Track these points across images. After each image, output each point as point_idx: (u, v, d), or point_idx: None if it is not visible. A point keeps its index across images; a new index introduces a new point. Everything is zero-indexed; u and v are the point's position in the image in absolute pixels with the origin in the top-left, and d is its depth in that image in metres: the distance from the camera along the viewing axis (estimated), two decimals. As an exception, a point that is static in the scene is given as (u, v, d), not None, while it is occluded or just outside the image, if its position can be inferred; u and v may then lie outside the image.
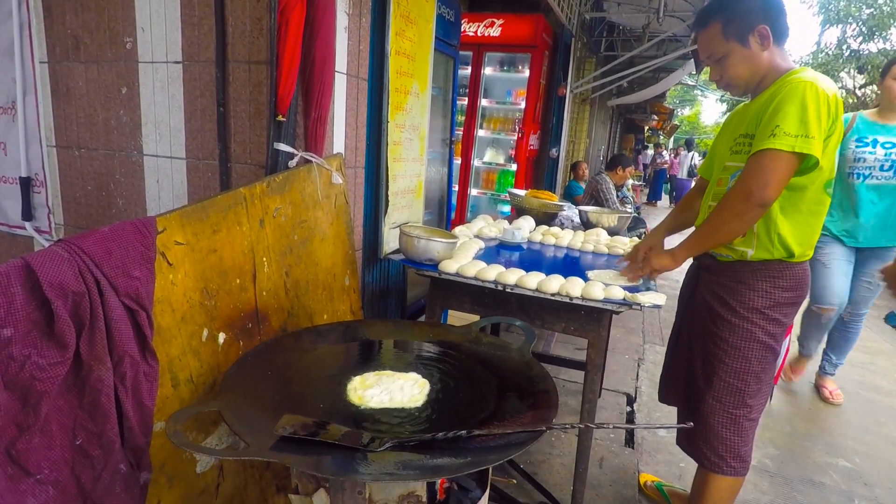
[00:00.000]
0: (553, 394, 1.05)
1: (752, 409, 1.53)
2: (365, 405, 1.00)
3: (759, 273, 1.44)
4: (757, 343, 1.47)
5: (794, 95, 1.26)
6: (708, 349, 1.55)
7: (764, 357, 1.49)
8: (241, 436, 0.85)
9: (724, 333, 1.50)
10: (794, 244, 1.39)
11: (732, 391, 1.51)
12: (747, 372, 1.49)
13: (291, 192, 1.42)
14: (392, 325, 1.44)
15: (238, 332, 1.29)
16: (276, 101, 1.38)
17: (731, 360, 1.50)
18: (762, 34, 1.36)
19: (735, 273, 1.48)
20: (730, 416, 1.52)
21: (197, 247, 1.15)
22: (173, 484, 1.16)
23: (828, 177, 1.36)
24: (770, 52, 1.38)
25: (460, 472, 0.82)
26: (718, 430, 1.54)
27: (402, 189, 2.21)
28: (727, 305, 1.49)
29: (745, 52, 1.38)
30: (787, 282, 1.43)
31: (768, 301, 1.44)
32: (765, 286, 1.44)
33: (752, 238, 1.42)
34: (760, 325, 1.46)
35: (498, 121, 5.59)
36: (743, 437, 1.54)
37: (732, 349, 1.49)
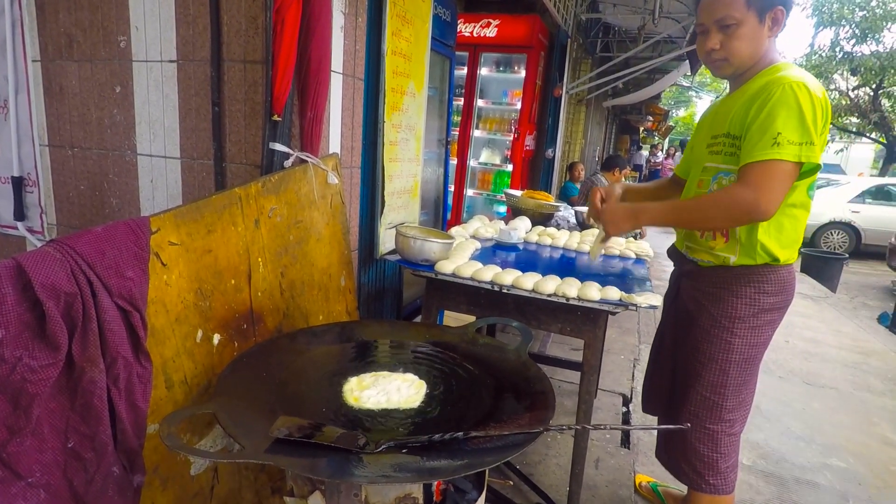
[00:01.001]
0: (550, 395, 1.05)
1: (732, 423, 1.46)
2: (362, 406, 0.99)
3: (742, 278, 1.38)
4: (737, 355, 1.40)
5: (789, 99, 1.19)
6: (686, 361, 1.50)
7: (745, 369, 1.42)
8: (236, 438, 0.84)
9: (703, 345, 1.44)
10: (778, 249, 1.34)
11: (709, 406, 1.44)
12: (725, 385, 1.42)
13: (287, 192, 1.41)
14: (388, 326, 1.43)
15: (233, 333, 1.28)
16: (271, 101, 1.38)
17: (708, 374, 1.43)
18: (777, 17, 1.28)
19: (717, 279, 1.41)
20: (706, 432, 1.45)
21: (191, 247, 1.14)
22: (167, 486, 1.15)
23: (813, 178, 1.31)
24: (771, 41, 1.32)
25: (457, 474, 0.82)
26: (695, 446, 1.47)
27: (399, 189, 2.21)
28: (708, 314, 1.43)
29: (758, 29, 1.28)
30: (772, 286, 1.37)
31: (753, 308, 1.38)
32: (749, 292, 1.37)
33: (735, 244, 1.36)
34: (742, 335, 1.39)
35: (494, 121, 5.59)
36: (722, 453, 1.46)
37: (710, 362, 1.43)
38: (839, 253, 7.96)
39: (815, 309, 5.27)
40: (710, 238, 1.42)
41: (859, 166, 22.02)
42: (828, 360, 3.88)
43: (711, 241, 1.41)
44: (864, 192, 9.83)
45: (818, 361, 3.82)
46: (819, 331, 4.55)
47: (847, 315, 5.18)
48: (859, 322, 5.03)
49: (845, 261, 7.09)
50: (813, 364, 3.74)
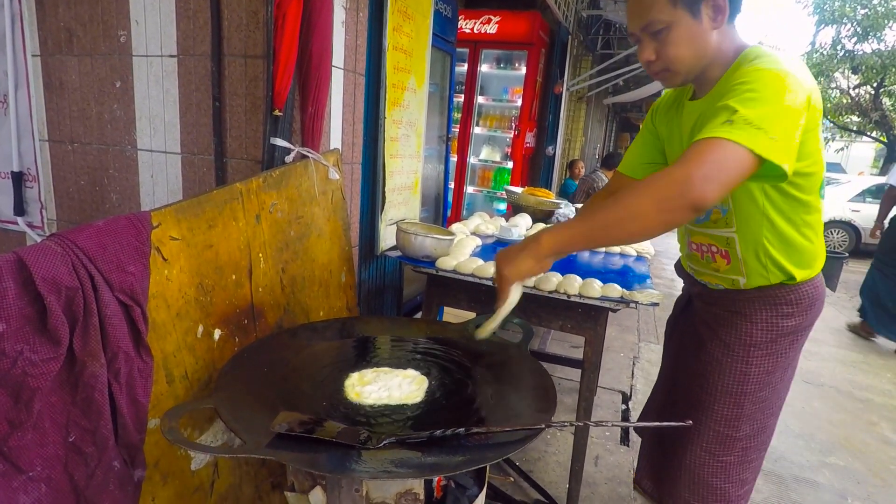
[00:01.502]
0: (551, 391, 1.05)
1: (746, 450, 1.32)
2: (363, 402, 0.99)
3: (757, 301, 1.21)
4: (753, 386, 1.25)
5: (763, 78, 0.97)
6: (690, 388, 1.34)
7: (761, 398, 1.27)
8: (237, 433, 0.84)
9: (714, 376, 1.28)
10: (794, 268, 1.16)
11: (722, 439, 1.30)
12: (739, 418, 1.27)
13: (288, 187, 1.41)
14: (389, 322, 1.43)
15: (234, 328, 1.28)
16: (272, 96, 1.37)
17: (721, 408, 1.28)
18: (718, 5, 1.03)
19: (731, 302, 1.25)
20: (720, 465, 1.32)
21: (192, 242, 1.14)
22: (167, 481, 1.15)
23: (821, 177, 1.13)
24: (720, 32, 1.07)
25: (458, 470, 0.82)
26: (709, 480, 1.33)
27: (399, 185, 2.20)
28: (720, 341, 1.27)
29: (694, 27, 1.04)
30: (793, 307, 1.19)
31: (771, 334, 1.21)
32: (765, 316, 1.20)
33: (740, 265, 1.19)
34: (759, 363, 1.23)
35: (494, 118, 5.58)
36: (734, 482, 1.33)
37: (724, 395, 1.27)
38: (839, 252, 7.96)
39: (814, 307, 5.27)
40: (710, 259, 1.26)
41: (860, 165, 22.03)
42: (827, 359, 3.88)
43: (713, 263, 1.26)
44: (864, 190, 9.83)
45: (818, 360, 3.82)
46: (818, 330, 4.55)
47: (847, 314, 5.18)
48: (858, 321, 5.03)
49: (845, 259, 7.09)
50: (812, 363, 3.74)
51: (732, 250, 1.19)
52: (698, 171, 0.90)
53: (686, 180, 0.90)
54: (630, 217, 0.96)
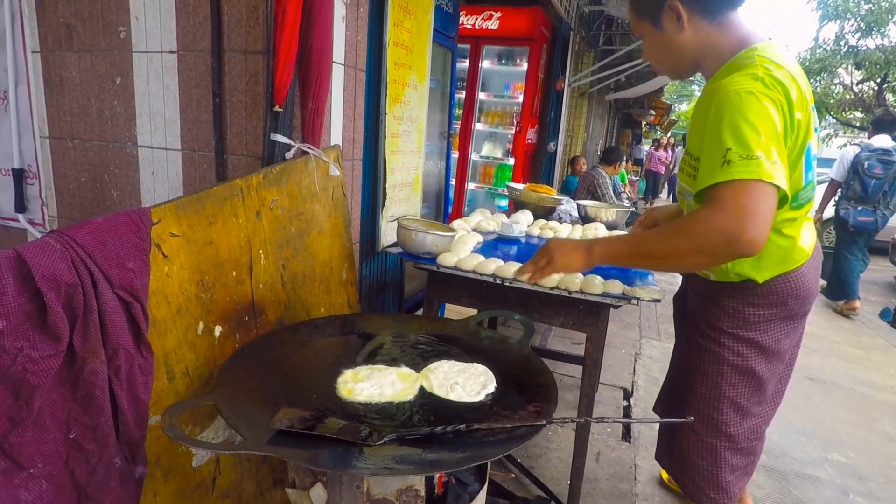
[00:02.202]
0: (553, 388, 1.05)
1: (733, 438, 1.36)
2: (354, 399, 0.99)
3: (725, 291, 1.29)
4: (728, 367, 1.31)
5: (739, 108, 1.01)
6: (682, 366, 1.45)
7: (739, 381, 1.31)
8: (238, 430, 0.83)
9: (694, 355, 1.38)
10: (753, 272, 1.21)
11: (705, 419, 1.37)
12: (718, 399, 1.33)
13: (288, 183, 1.40)
14: (389, 319, 1.43)
15: (234, 325, 1.28)
16: (272, 92, 1.36)
17: (700, 387, 1.37)
18: (675, 11, 1.10)
19: (707, 289, 1.35)
20: (704, 445, 1.38)
21: (192, 238, 1.13)
22: (169, 478, 1.15)
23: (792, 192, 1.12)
24: (696, 31, 1.12)
25: (459, 467, 0.82)
26: (694, 460, 1.41)
27: (400, 182, 2.20)
28: (696, 326, 1.38)
29: (658, 36, 1.16)
30: (761, 299, 1.24)
31: (738, 321, 1.28)
32: (732, 304, 1.28)
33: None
34: (730, 347, 1.30)
35: (496, 115, 5.57)
36: (723, 467, 1.37)
37: (701, 374, 1.36)
38: (841, 249, 7.92)
39: (816, 304, 5.25)
40: None
41: (862, 161, 21.87)
42: (829, 355, 3.87)
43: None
44: (867, 187, 9.77)
45: (820, 356, 3.81)
46: (820, 325, 4.54)
47: (849, 310, 5.16)
48: (861, 317, 5.02)
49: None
50: (814, 359, 3.73)
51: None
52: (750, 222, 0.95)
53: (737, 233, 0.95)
54: (674, 256, 1.07)
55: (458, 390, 1.05)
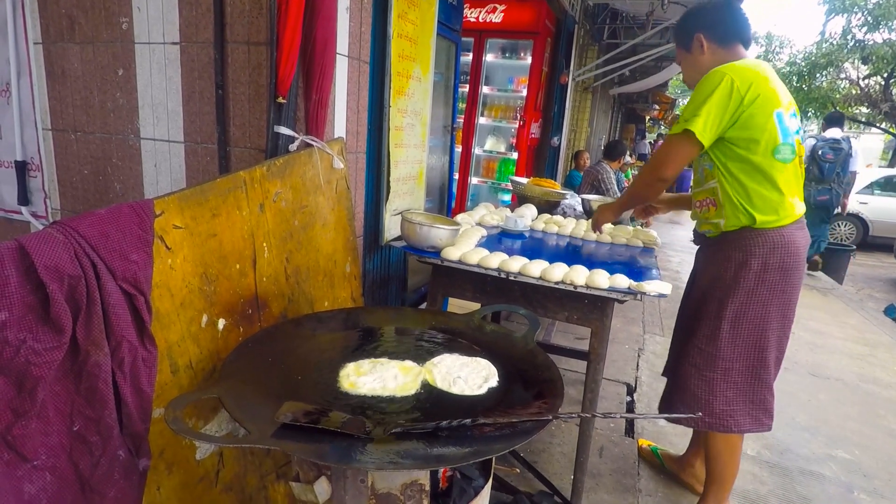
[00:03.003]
0: (558, 382, 1.04)
1: (728, 371, 1.63)
2: (357, 392, 0.98)
3: (733, 243, 1.58)
4: (729, 312, 1.59)
5: (699, 84, 1.50)
6: (692, 321, 1.71)
7: (739, 326, 1.59)
8: (242, 423, 0.83)
9: (701, 304, 1.67)
10: (753, 210, 1.52)
11: (705, 356, 1.65)
12: (717, 338, 1.61)
13: (292, 176, 1.39)
14: (393, 313, 1.42)
15: (238, 318, 1.27)
16: (276, 83, 1.35)
17: (703, 328, 1.65)
18: (699, 40, 1.63)
19: (716, 245, 1.64)
20: (703, 378, 1.66)
21: (196, 231, 1.13)
22: (172, 471, 1.14)
23: (772, 144, 1.48)
24: (713, 54, 1.61)
25: (465, 462, 0.81)
26: (694, 391, 1.68)
27: (404, 175, 2.18)
28: (707, 275, 1.66)
29: (690, 58, 1.67)
30: (760, 249, 1.54)
31: (742, 270, 1.56)
32: (737, 255, 1.57)
33: (721, 209, 1.59)
34: (733, 294, 1.58)
35: (499, 108, 5.54)
36: (716, 395, 1.65)
37: (705, 317, 1.64)
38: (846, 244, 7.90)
39: (821, 300, 5.24)
40: (706, 210, 1.65)
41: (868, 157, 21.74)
42: (834, 351, 3.86)
43: (706, 213, 1.66)
44: (872, 183, 9.72)
45: (824, 353, 3.80)
46: (825, 322, 4.52)
47: (853, 307, 5.15)
48: (866, 314, 5.00)
49: (852, 253, 7.03)
50: (819, 355, 3.72)
51: (717, 197, 1.60)
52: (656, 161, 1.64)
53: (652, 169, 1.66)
54: (635, 189, 1.80)
55: (460, 384, 1.05)
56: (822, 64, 15.38)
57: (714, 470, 1.79)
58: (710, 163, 1.59)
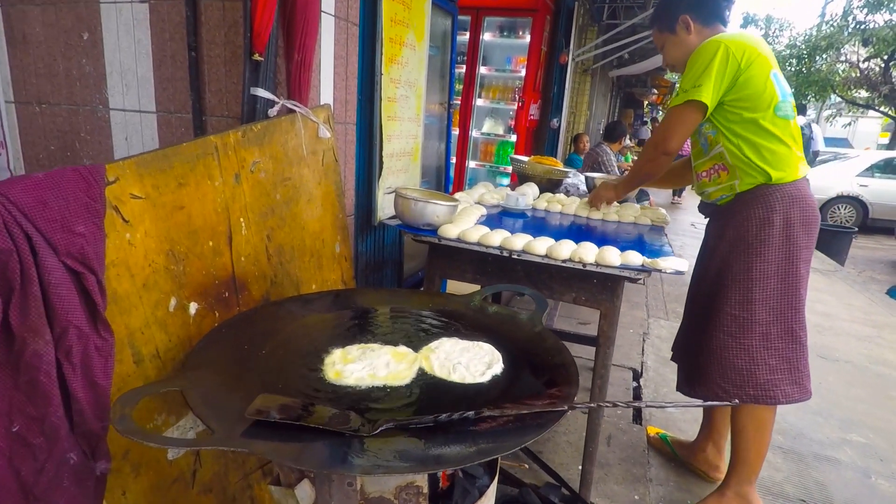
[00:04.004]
0: (572, 368, 0.92)
1: (767, 336, 1.54)
2: (342, 382, 0.86)
3: (750, 202, 1.54)
4: (757, 272, 1.52)
5: (693, 56, 1.51)
6: (715, 290, 1.63)
7: (767, 284, 1.52)
8: (206, 420, 0.70)
9: (724, 271, 1.59)
10: (766, 166, 1.50)
11: (740, 322, 1.56)
12: (751, 301, 1.53)
13: (272, 144, 1.25)
14: (387, 294, 1.30)
15: (213, 301, 1.14)
16: (251, 38, 1.21)
17: (733, 293, 1.56)
18: (685, 21, 1.64)
19: (733, 208, 1.59)
20: (742, 347, 1.56)
21: (159, 202, 0.99)
22: (140, 473, 1.02)
23: (772, 101, 1.48)
24: (698, 34, 1.62)
25: (468, 463, 0.69)
26: (733, 361, 1.57)
27: (398, 151, 2.04)
28: (726, 241, 1.59)
29: (674, 39, 1.67)
30: (779, 203, 1.50)
31: (764, 226, 1.51)
32: (758, 213, 1.52)
33: (733, 171, 1.56)
34: (758, 252, 1.52)
35: (497, 89, 5.37)
36: (760, 364, 1.55)
37: (733, 283, 1.56)
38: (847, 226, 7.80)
39: (825, 282, 5.15)
40: (716, 176, 1.61)
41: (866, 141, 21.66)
42: (841, 333, 3.76)
43: (717, 180, 1.61)
44: (872, 165, 9.61)
45: (831, 335, 3.70)
46: (831, 304, 4.43)
47: (858, 289, 5.06)
48: (871, 295, 4.91)
49: (854, 234, 6.94)
50: (826, 338, 3.62)
51: (725, 161, 1.57)
52: (660, 135, 1.61)
53: (655, 144, 1.64)
54: (640, 166, 1.78)
55: (460, 370, 0.92)
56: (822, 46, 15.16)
57: (739, 448, 1.68)
58: (712, 129, 1.57)
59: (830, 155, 10.99)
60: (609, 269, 1.40)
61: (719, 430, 1.95)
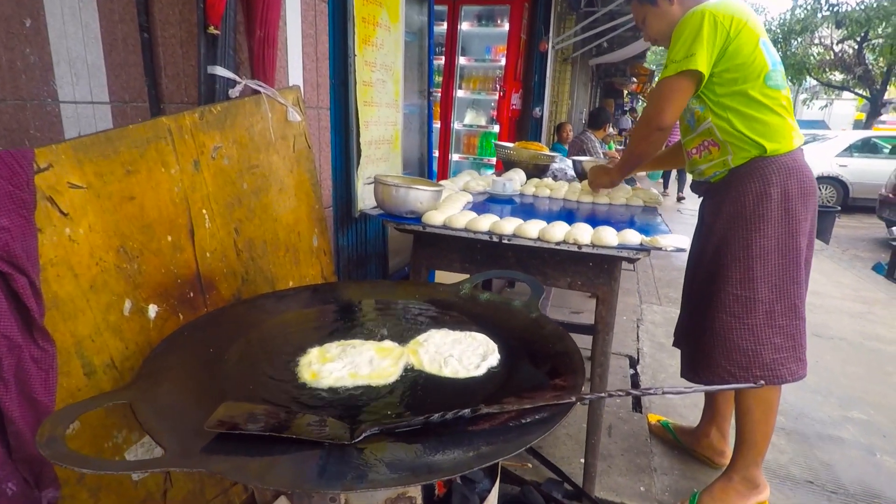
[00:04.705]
0: (576, 356, 0.83)
1: (771, 314, 1.49)
2: (319, 385, 0.76)
3: (745, 177, 1.47)
4: (757, 249, 1.46)
5: (679, 27, 1.44)
6: (714, 270, 1.56)
7: (768, 261, 1.46)
8: (157, 437, 0.60)
9: (723, 250, 1.52)
10: (760, 139, 1.44)
11: (743, 302, 1.49)
12: (753, 280, 1.47)
13: (235, 128, 1.14)
14: (369, 287, 1.19)
15: (175, 303, 1.03)
16: (204, 8, 1.09)
17: (734, 273, 1.49)
18: None
19: (727, 184, 1.52)
20: (746, 327, 1.50)
21: (104, 192, 0.88)
22: (99, 498, 0.91)
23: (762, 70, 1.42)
24: (681, 3, 1.54)
25: (466, 470, 0.60)
26: (738, 343, 1.51)
27: (377, 138, 1.94)
28: (722, 219, 1.52)
29: (656, 11, 1.59)
30: (776, 176, 1.44)
31: (762, 199, 1.44)
32: (755, 187, 1.45)
33: (725, 146, 1.49)
34: (757, 228, 1.45)
35: (477, 80, 5.28)
36: (765, 344, 1.50)
37: (733, 261, 1.49)
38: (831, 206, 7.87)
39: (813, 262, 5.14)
40: (707, 153, 1.55)
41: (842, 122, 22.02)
42: (832, 311, 3.75)
43: (708, 156, 1.55)
44: (850, 146, 9.73)
45: (823, 313, 3.69)
46: (820, 283, 4.42)
47: (844, 266, 5.07)
48: (858, 272, 4.93)
49: (837, 213, 7.00)
50: (818, 316, 3.60)
51: (715, 136, 1.50)
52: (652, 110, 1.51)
53: (648, 120, 1.53)
54: (634, 151, 1.67)
55: (452, 364, 0.83)
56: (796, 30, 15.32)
57: (745, 430, 1.62)
58: (700, 105, 1.51)
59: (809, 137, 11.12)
60: (606, 250, 1.32)
61: (723, 414, 1.88)
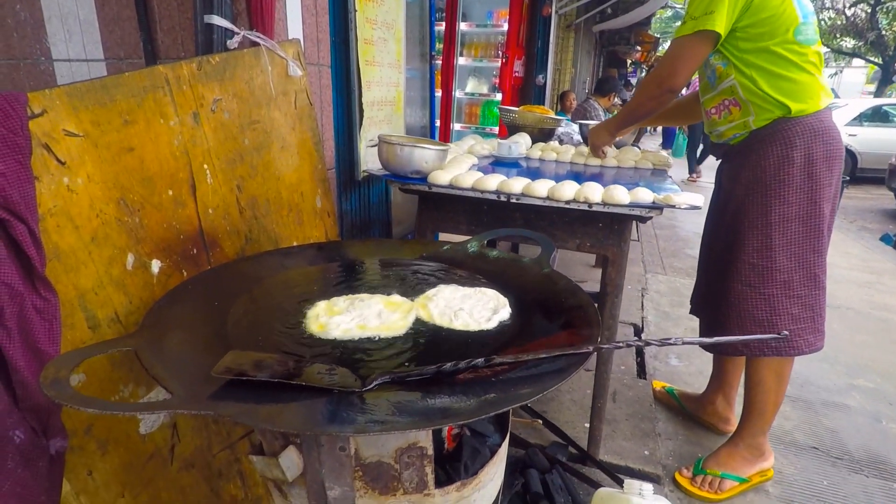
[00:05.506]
0: (591, 309, 0.81)
1: (789, 284, 1.42)
2: (326, 336, 0.74)
3: (767, 138, 1.40)
4: (776, 216, 1.40)
5: None
6: (731, 237, 1.50)
7: (788, 228, 1.39)
8: (163, 382, 0.59)
9: (740, 216, 1.46)
10: (785, 98, 1.35)
11: (760, 271, 1.43)
12: (770, 248, 1.41)
13: (234, 80, 1.10)
14: (375, 245, 1.17)
15: (178, 259, 1.01)
16: (199, -49, 1.04)
17: (751, 240, 1.44)
18: None
19: (748, 147, 1.44)
20: (762, 296, 1.44)
21: (101, 142, 0.85)
22: (108, 450, 0.91)
23: (791, 24, 1.31)
24: None
25: (479, 415, 0.58)
26: (753, 313, 1.46)
27: (379, 99, 1.89)
28: (741, 183, 1.45)
29: None
30: (800, 138, 1.36)
31: (784, 163, 1.37)
32: (776, 150, 1.38)
33: (747, 106, 1.41)
34: (776, 193, 1.39)
35: (479, 46, 5.16)
36: (780, 314, 1.44)
37: (750, 229, 1.44)
38: (839, 176, 7.74)
39: (819, 231, 5.11)
40: (727, 113, 1.46)
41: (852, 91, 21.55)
42: (840, 280, 3.73)
43: (728, 117, 1.46)
44: (861, 114, 9.52)
45: (830, 283, 3.58)
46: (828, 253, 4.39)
47: (852, 237, 5.03)
48: (866, 243, 4.89)
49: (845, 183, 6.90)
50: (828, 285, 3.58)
51: (738, 95, 1.41)
52: (665, 70, 1.43)
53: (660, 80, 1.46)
54: (639, 108, 1.61)
55: (463, 317, 0.81)
56: (808, -6, 14.90)
57: (755, 399, 1.59)
58: (722, 61, 1.41)
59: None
60: (618, 208, 1.29)
61: (731, 382, 1.88)
